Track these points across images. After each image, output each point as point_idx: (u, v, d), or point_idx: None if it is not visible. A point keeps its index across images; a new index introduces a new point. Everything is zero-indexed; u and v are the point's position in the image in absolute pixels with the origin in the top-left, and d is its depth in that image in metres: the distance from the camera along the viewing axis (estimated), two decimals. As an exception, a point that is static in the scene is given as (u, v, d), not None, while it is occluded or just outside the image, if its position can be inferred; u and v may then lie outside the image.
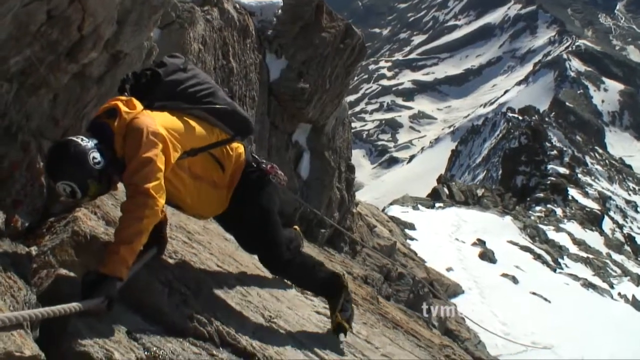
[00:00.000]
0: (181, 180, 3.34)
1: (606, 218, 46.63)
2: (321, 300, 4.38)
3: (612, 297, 20.88)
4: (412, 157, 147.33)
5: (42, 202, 3.58)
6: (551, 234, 31.74)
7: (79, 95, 3.81)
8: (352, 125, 12.20)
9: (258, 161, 3.80)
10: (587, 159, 72.36)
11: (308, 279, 3.98)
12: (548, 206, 44.28)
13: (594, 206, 48.73)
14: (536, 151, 60.18)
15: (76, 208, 3.65)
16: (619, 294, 22.06)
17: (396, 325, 4.69)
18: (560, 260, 25.63)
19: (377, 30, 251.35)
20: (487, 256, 19.51)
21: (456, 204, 33.30)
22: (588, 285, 21.03)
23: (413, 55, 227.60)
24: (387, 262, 9.93)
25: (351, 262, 8.77)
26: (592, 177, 64.73)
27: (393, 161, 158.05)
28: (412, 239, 18.19)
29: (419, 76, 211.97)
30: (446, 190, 37.30)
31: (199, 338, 3.11)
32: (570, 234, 33.76)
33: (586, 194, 53.04)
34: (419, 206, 29.67)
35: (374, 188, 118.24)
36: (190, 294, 3.31)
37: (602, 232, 40.61)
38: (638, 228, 53.93)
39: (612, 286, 23.78)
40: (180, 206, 3.54)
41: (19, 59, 3.13)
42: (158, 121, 3.19)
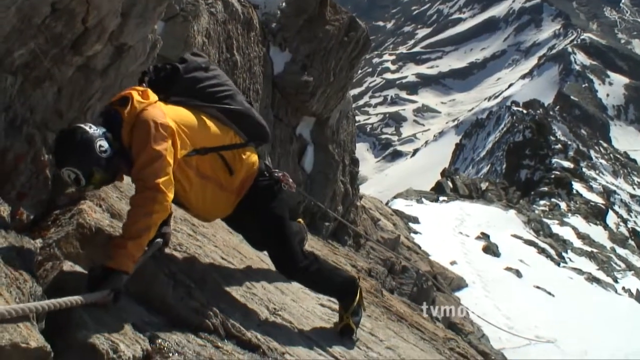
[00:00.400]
0: (187, 177, 3.32)
1: (610, 212, 46.51)
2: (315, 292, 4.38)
3: (616, 292, 20.86)
4: (416, 151, 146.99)
5: (47, 195, 3.58)
6: (555, 228, 31.69)
7: (83, 87, 3.81)
8: (356, 118, 12.18)
9: (271, 171, 3.79)
10: (592, 153, 72.06)
11: (323, 285, 3.97)
12: (552, 200, 44.17)
13: (599, 200, 48.60)
14: (540, 145, 60.04)
15: (81, 200, 3.65)
16: (623, 288, 22.04)
17: (400, 318, 4.69)
18: (564, 254, 25.60)
19: (381, 23, 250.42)
20: (491, 250, 19.49)
21: (460, 198, 33.25)
22: (592, 279, 21.00)
23: (417, 48, 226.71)
24: (391, 256, 9.93)
25: (355, 255, 8.77)
26: (597, 171, 64.48)
27: (397, 155, 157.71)
28: (416, 233, 18.18)
29: (423, 69, 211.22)
30: (450, 183, 37.25)
31: (204, 330, 3.12)
32: (574, 228, 33.70)
33: (590, 188, 52.88)
34: (423, 200, 29.63)
35: (378, 182, 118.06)
36: (195, 286, 3.32)
37: (607, 227, 40.52)
38: (642, 222, 53.76)
39: (616, 280, 23.75)
40: (184, 204, 3.51)
41: (23, 52, 3.13)
42: (169, 114, 3.17)
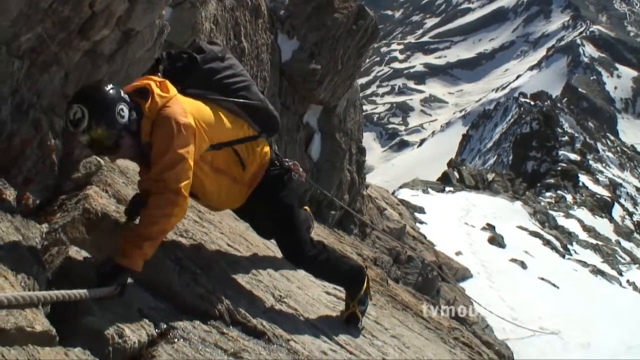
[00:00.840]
0: (203, 172, 3.31)
1: (616, 205, 46.41)
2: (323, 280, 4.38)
3: (621, 285, 20.81)
4: (423, 141, 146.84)
5: (54, 180, 3.58)
6: (561, 220, 31.63)
7: (90, 72, 3.79)
8: (363, 107, 12.15)
9: (281, 160, 3.78)
10: (599, 146, 71.78)
11: (331, 274, 3.96)
12: (558, 192, 44.08)
13: (605, 193, 48.49)
14: (547, 137, 59.89)
15: (87, 186, 3.65)
16: (628, 282, 22.01)
17: (405, 307, 4.69)
18: (569, 246, 25.54)
19: (390, 12, 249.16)
20: (497, 241, 19.46)
21: (466, 188, 33.19)
22: (597, 271, 20.96)
23: (425, 38, 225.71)
24: (397, 245, 9.92)
25: (361, 244, 8.77)
26: (603, 164, 64.26)
27: (403, 145, 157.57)
28: (422, 223, 18.15)
29: (431, 59, 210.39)
30: (456, 174, 37.18)
31: (210, 316, 3.13)
32: (580, 221, 33.62)
33: (597, 181, 52.74)
34: (429, 190, 29.58)
35: (384, 171, 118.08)
36: (200, 273, 3.32)
37: (612, 219, 40.43)
38: (648, 215, 53.60)
39: (621, 273, 23.71)
40: (197, 196, 3.49)
41: (30, 36, 3.11)
42: (189, 111, 3.13)
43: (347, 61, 8.93)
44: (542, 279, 16.04)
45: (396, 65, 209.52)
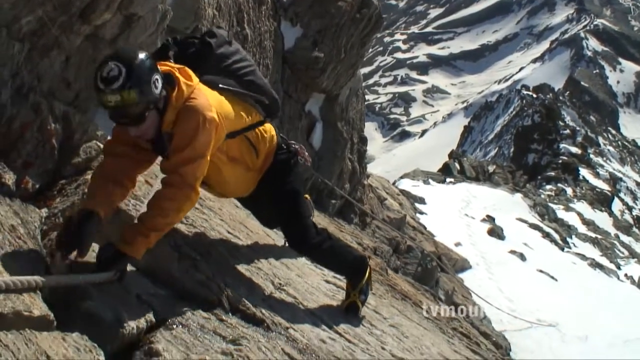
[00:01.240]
0: (221, 161, 3.28)
1: (616, 199, 46.45)
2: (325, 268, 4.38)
3: (619, 278, 20.85)
4: (425, 132, 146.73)
5: (53, 164, 3.56)
6: (560, 213, 31.66)
7: (91, 57, 3.77)
8: (365, 97, 12.12)
9: (287, 142, 3.76)
10: (600, 140, 71.69)
11: (334, 262, 3.94)
12: (559, 185, 44.11)
13: (605, 187, 48.52)
14: (549, 130, 59.82)
15: (87, 171, 3.64)
16: (626, 275, 22.04)
17: (404, 296, 4.70)
18: (568, 239, 25.59)
19: (394, 2, 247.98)
20: (496, 232, 19.48)
21: (467, 180, 33.21)
22: (595, 265, 21.00)
23: (429, 28, 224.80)
24: (397, 235, 9.93)
25: (361, 234, 8.77)
26: (604, 158, 64.23)
27: (405, 135, 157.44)
28: (422, 213, 18.17)
29: (434, 50, 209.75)
30: (457, 165, 37.18)
31: (209, 303, 3.12)
32: (579, 214, 33.66)
33: (597, 175, 52.75)
34: (430, 181, 29.57)
35: (385, 161, 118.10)
36: (200, 259, 3.31)
37: (612, 213, 40.47)
38: (647, 210, 53.63)
39: (619, 267, 23.76)
40: (210, 185, 3.46)
41: (31, 19, 3.09)
42: (212, 103, 3.07)
43: (350, 50, 8.89)
44: (541, 272, 16.08)
45: (399, 55, 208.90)
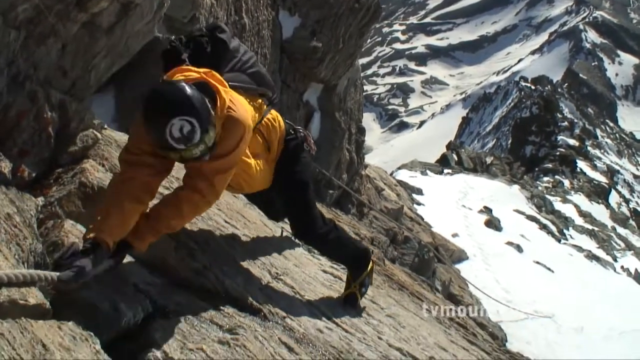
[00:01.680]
0: (247, 160, 3.24)
1: (613, 192, 46.45)
2: (328, 259, 4.38)
3: (615, 270, 20.91)
4: (423, 123, 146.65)
5: (50, 153, 3.55)
6: (557, 205, 31.69)
7: (88, 45, 3.74)
8: (364, 88, 12.09)
9: (294, 128, 3.69)
10: (598, 132, 71.67)
11: (339, 253, 3.92)
12: (556, 177, 44.12)
13: (602, 179, 48.54)
14: (547, 122, 59.77)
15: (84, 159, 3.63)
16: (622, 267, 22.10)
17: (401, 287, 4.70)
18: (565, 231, 25.63)
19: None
20: (493, 224, 19.51)
21: (464, 171, 33.24)
22: (592, 257, 21.05)
23: (428, 19, 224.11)
24: (394, 226, 9.94)
25: (358, 224, 8.78)
26: (602, 151, 64.25)
27: (403, 126, 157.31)
28: (419, 204, 18.20)
29: (433, 41, 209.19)
30: (455, 156, 37.20)
31: (206, 292, 3.12)
32: (576, 206, 33.69)
33: (594, 167, 52.76)
34: (427, 171, 29.58)
35: (383, 152, 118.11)
36: (197, 248, 3.31)
37: (609, 206, 40.50)
38: (644, 203, 53.75)
39: (616, 259, 23.82)
40: (239, 187, 3.41)
41: (27, 7, 3.06)
42: (245, 108, 3.03)
43: (349, 40, 8.87)
44: (538, 263, 16.12)
45: (398, 45, 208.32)
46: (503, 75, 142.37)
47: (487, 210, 21.60)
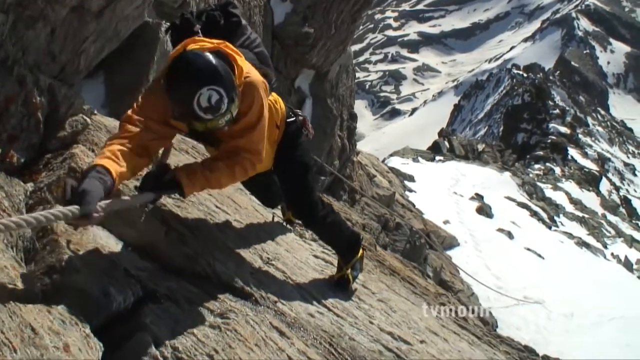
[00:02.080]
0: None
1: (604, 179, 46.75)
2: (320, 244, 4.38)
3: (605, 257, 21.07)
4: (415, 110, 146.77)
5: (39, 138, 3.52)
6: (548, 192, 31.86)
7: (77, 29, 3.71)
8: (356, 75, 12.06)
9: (293, 110, 3.68)
10: (589, 120, 71.99)
11: (334, 237, 3.91)
12: (547, 164, 44.34)
13: (593, 167, 48.83)
14: (539, 109, 59.98)
15: (73, 145, 3.60)
16: (612, 255, 22.28)
17: (393, 272, 4.71)
18: (556, 218, 25.78)
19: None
20: (484, 211, 19.59)
21: (456, 158, 33.33)
22: (582, 244, 21.20)
23: (420, 6, 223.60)
24: (386, 212, 9.96)
25: (350, 210, 8.78)
26: (593, 138, 64.58)
27: (395, 113, 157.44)
28: (411, 191, 18.24)
29: (425, 28, 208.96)
30: (447, 143, 37.28)
31: (197, 277, 3.11)
32: (567, 193, 33.88)
33: (585, 155, 53.06)
34: (419, 159, 29.66)
35: (375, 139, 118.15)
36: (188, 233, 3.29)
37: (599, 193, 40.78)
38: (634, 191, 54.14)
39: (606, 246, 23.99)
40: None
41: (16, -10, 3.03)
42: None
43: (341, 25, 8.83)
44: (528, 250, 16.22)
45: (390, 32, 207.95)
46: (495, 62, 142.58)
47: (479, 197, 21.67)
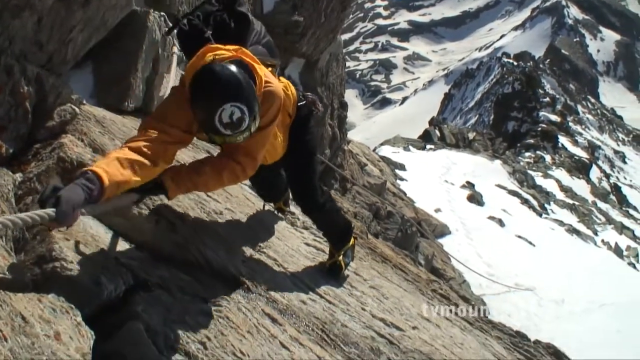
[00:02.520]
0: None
1: (594, 167, 46.95)
2: (311, 232, 4.39)
3: (595, 244, 21.20)
4: (405, 99, 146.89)
5: (27, 128, 3.49)
6: (539, 180, 31.98)
7: (64, 18, 3.67)
8: (346, 64, 12.04)
9: (303, 93, 3.62)
10: (579, 108, 72.24)
11: (330, 224, 3.90)
12: (537, 152, 44.47)
13: (583, 155, 49.01)
14: (529, 98, 60.07)
15: (62, 135, 3.57)
16: (602, 241, 22.41)
17: (384, 259, 4.73)
18: (546, 205, 25.89)
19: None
20: (475, 199, 19.66)
21: (447, 147, 33.38)
22: (572, 231, 21.32)
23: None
24: (377, 201, 9.97)
25: (341, 199, 8.78)
26: (583, 126, 64.82)
27: (386, 102, 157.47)
28: (402, 180, 18.27)
29: (415, 17, 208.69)
30: (438, 132, 37.31)
31: (188, 265, 3.11)
32: (557, 181, 34.02)
33: (576, 143, 53.26)
34: (410, 147, 29.67)
35: (366, 129, 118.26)
36: (179, 222, 3.29)
37: (589, 181, 40.94)
38: (624, 178, 54.44)
39: (596, 233, 24.13)
40: (265, 159, 3.34)
41: (2, -22, 2.99)
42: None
43: (331, 14, 8.80)
44: (519, 237, 16.30)
45: (380, 21, 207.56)
46: (485, 51, 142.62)
47: (470, 185, 21.74)
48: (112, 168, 2.40)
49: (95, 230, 2.95)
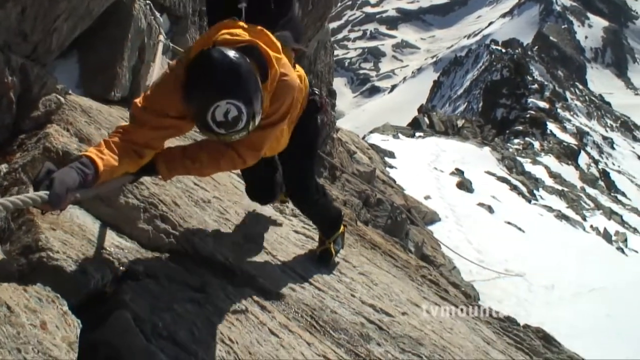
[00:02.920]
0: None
1: (582, 153, 47.17)
2: (300, 220, 4.38)
3: (584, 229, 21.31)
4: (394, 87, 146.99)
5: (12, 119, 3.47)
6: (528, 166, 32.08)
7: (48, 8, 3.63)
8: (334, 52, 12.00)
9: (313, 89, 3.38)
10: (567, 95, 72.51)
11: (320, 217, 3.83)
12: (526, 139, 44.63)
13: (571, 141, 49.25)
14: (517, 84, 60.23)
15: (47, 124, 3.55)
16: (591, 227, 22.53)
17: (374, 246, 4.74)
18: (535, 191, 25.99)
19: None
20: (465, 185, 19.69)
21: (436, 134, 33.40)
22: (561, 216, 21.43)
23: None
24: (366, 188, 9.98)
25: (330, 187, 8.78)
26: (571, 113, 65.10)
27: (374, 90, 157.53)
28: (392, 167, 18.28)
29: (404, 4, 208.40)
30: (427, 120, 37.32)
31: (175, 253, 3.10)
32: (546, 167, 34.14)
33: (564, 129, 53.49)
34: (399, 135, 29.68)
35: (355, 117, 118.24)
36: (166, 210, 3.28)
37: (578, 167, 41.16)
38: (613, 164, 54.78)
39: (585, 219, 24.25)
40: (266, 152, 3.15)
41: (-16, -33, 2.95)
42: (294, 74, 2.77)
43: (318, 2, 8.76)
44: (509, 223, 16.36)
45: (368, 9, 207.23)
46: (474, 38, 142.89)
47: (459, 172, 21.78)
48: (106, 154, 2.34)
49: (82, 220, 2.93)
